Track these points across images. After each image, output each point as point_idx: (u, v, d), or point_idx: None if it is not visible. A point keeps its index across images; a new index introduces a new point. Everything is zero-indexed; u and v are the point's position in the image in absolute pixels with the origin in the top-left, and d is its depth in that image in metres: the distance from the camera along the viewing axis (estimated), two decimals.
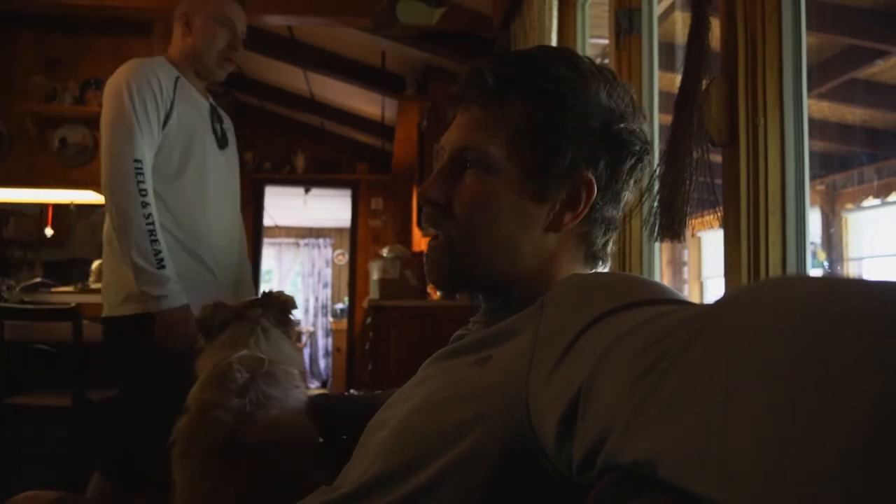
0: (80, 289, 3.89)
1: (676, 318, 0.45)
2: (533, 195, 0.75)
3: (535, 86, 0.75)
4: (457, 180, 0.77)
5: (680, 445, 0.36)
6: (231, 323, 1.11)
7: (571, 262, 0.79)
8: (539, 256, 0.77)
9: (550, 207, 0.76)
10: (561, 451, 0.52)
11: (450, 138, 0.80)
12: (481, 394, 0.63)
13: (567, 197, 0.75)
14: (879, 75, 2.69)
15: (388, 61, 5.39)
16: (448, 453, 0.62)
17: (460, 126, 0.79)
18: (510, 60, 0.78)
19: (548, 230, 0.76)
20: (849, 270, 3.22)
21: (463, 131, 0.78)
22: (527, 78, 0.75)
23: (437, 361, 0.79)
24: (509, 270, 0.77)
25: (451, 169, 0.78)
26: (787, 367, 0.31)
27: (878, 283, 0.32)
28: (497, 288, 0.79)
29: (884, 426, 0.26)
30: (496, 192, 0.75)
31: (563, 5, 2.67)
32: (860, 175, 3.04)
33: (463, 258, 0.77)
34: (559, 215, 0.76)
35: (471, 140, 0.76)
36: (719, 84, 1.34)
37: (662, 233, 1.39)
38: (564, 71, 0.75)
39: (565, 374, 0.53)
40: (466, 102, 0.79)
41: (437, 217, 0.79)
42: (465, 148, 0.77)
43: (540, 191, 0.75)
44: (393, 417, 0.72)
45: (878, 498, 0.25)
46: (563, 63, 0.76)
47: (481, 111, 0.77)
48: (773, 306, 0.35)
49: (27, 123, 4.47)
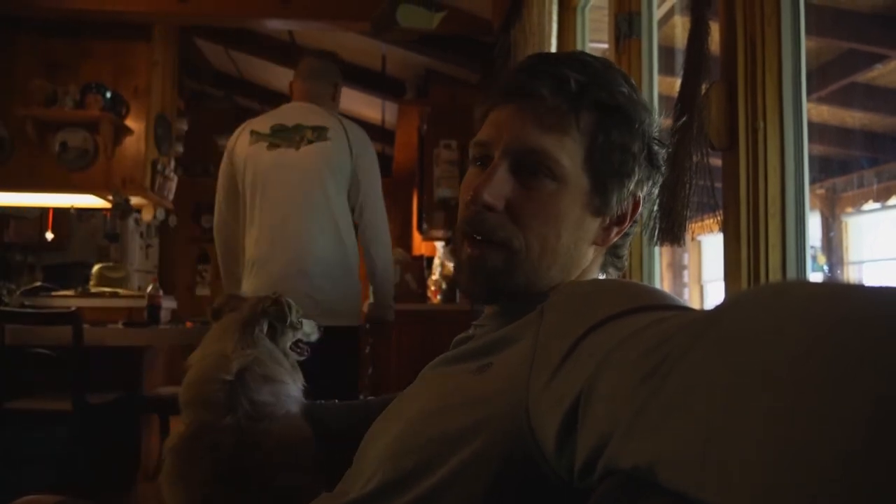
0: (81, 292, 3.89)
1: (676, 324, 0.45)
2: (593, 210, 0.75)
3: (613, 101, 0.72)
4: (517, 184, 0.72)
5: (680, 450, 0.36)
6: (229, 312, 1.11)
7: (597, 272, 0.81)
8: (579, 267, 0.78)
9: (602, 222, 0.77)
10: (561, 455, 0.52)
11: (507, 135, 0.73)
12: (482, 400, 0.63)
13: (618, 213, 0.77)
14: (879, 79, 2.70)
15: (389, 65, 5.40)
16: (450, 461, 0.62)
17: (522, 124, 0.72)
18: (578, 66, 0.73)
19: (594, 243, 0.78)
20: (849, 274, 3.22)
21: (529, 131, 0.71)
22: (603, 90, 0.72)
23: (437, 367, 0.78)
24: (551, 280, 0.75)
25: (511, 170, 0.73)
26: (786, 370, 0.31)
27: (877, 288, 0.32)
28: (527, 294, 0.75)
29: (884, 428, 0.26)
30: (565, 204, 0.72)
31: (562, 9, 2.67)
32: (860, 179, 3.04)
33: (522, 270, 0.73)
34: (608, 230, 0.77)
35: (543, 143, 0.71)
36: (719, 88, 1.34)
37: (662, 237, 1.39)
38: (629, 91, 0.74)
39: (565, 380, 0.53)
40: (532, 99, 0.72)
41: (493, 224, 0.72)
42: (534, 151, 0.71)
43: (601, 207, 0.75)
44: (394, 424, 0.72)
45: (878, 500, 0.25)
46: (625, 81, 0.75)
47: (553, 113, 0.71)
48: (773, 311, 0.35)
49: (28, 127, 4.47)
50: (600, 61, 0.76)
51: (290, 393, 1.01)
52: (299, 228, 2.28)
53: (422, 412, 0.69)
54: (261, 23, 4.51)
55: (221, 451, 0.89)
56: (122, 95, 4.62)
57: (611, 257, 0.81)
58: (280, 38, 5.39)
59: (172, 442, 0.94)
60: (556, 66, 0.73)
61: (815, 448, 0.27)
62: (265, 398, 0.95)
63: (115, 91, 4.57)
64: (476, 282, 0.75)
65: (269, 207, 2.30)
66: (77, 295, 3.84)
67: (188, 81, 6.24)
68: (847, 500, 0.26)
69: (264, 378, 0.98)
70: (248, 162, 2.34)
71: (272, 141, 2.33)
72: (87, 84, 4.51)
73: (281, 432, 0.94)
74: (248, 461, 0.90)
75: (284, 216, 2.29)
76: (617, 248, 0.81)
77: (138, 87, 4.68)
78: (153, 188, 4.75)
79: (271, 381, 0.99)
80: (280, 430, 0.94)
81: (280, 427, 0.94)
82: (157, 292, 3.50)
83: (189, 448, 0.91)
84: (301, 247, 2.27)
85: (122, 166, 4.62)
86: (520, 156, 0.72)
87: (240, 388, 0.94)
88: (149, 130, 4.68)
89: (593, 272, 0.80)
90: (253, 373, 0.97)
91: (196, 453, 0.90)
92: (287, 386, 1.01)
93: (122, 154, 4.64)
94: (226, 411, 0.92)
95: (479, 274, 0.74)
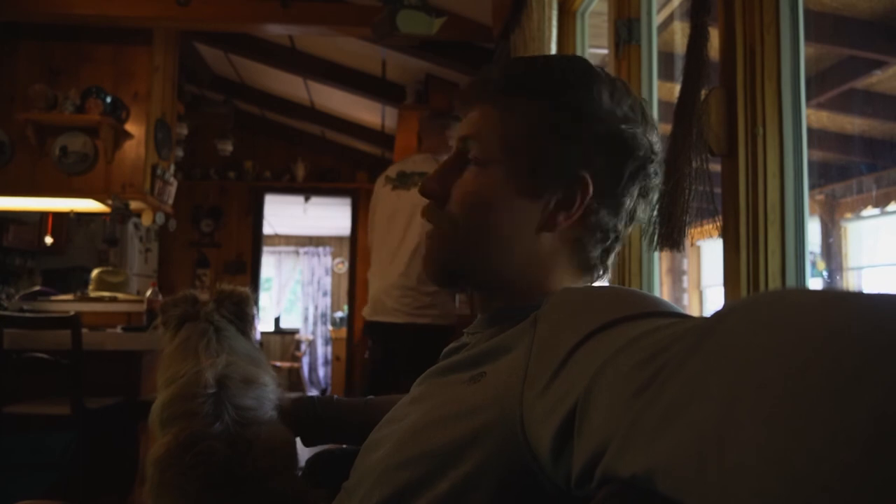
0: (80, 297, 3.88)
1: (672, 333, 0.44)
2: (527, 192, 0.74)
3: (539, 86, 0.75)
4: (457, 174, 0.78)
5: (677, 459, 0.36)
6: (187, 322, 1.06)
7: (565, 270, 0.77)
8: (532, 260, 0.75)
9: (545, 205, 0.74)
10: (558, 464, 0.52)
11: (458, 132, 0.81)
12: (476, 411, 0.63)
13: (562, 196, 0.74)
14: (878, 85, 2.70)
15: (389, 70, 5.41)
16: (445, 475, 0.62)
17: (466, 121, 0.80)
18: (520, 63, 0.79)
19: (541, 230, 0.74)
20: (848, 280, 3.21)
21: (466, 125, 0.79)
22: (532, 78, 0.76)
23: (431, 378, 0.78)
24: (501, 268, 0.75)
25: (453, 164, 0.79)
26: (784, 381, 0.30)
27: (875, 297, 0.32)
28: (490, 288, 0.78)
29: (882, 441, 0.26)
30: (491, 185, 0.75)
31: (562, 15, 2.68)
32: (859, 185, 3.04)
33: (455, 250, 0.77)
34: (553, 215, 0.74)
35: (471, 131, 0.77)
36: (718, 94, 1.34)
37: (662, 242, 1.39)
38: (568, 73, 0.76)
39: (561, 388, 0.53)
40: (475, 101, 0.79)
41: (431, 210, 0.80)
42: (464, 137, 0.78)
43: (535, 187, 0.74)
44: (389, 436, 0.72)
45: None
46: (569, 66, 0.77)
47: (485, 107, 0.77)
48: (770, 320, 0.35)
49: (28, 132, 4.47)
50: (553, 56, 0.84)
51: (269, 396, 0.99)
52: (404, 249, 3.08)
53: (416, 424, 0.68)
54: (261, 27, 4.51)
55: (215, 459, 0.88)
56: (122, 100, 4.62)
57: (579, 254, 0.77)
58: (280, 42, 5.40)
59: (158, 454, 0.91)
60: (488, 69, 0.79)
61: (812, 460, 0.27)
62: (249, 403, 0.94)
63: (115, 96, 4.58)
64: (425, 264, 0.81)
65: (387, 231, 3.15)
66: (76, 299, 3.83)
67: (188, 86, 6.25)
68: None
69: (245, 382, 0.96)
70: (378, 198, 3.25)
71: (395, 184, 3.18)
72: (88, 88, 4.51)
73: (267, 437, 0.92)
74: (240, 468, 0.88)
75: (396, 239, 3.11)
76: (581, 242, 0.76)
77: (138, 92, 4.69)
78: (153, 192, 4.75)
79: (252, 383, 0.97)
80: (266, 434, 0.92)
81: (266, 431, 0.93)
82: (157, 297, 3.50)
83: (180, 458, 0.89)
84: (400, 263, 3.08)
85: (122, 171, 4.63)
86: (458, 145, 0.79)
87: (224, 396, 0.92)
88: (149, 135, 4.69)
89: (557, 267, 0.76)
90: (233, 379, 0.95)
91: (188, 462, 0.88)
92: (267, 388, 0.99)
93: (122, 158, 4.65)
94: (213, 420, 0.90)
95: (426, 254, 0.81)
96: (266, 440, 0.92)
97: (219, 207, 7.29)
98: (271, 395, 0.99)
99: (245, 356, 1.02)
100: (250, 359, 1.03)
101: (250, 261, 7.41)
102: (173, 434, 0.91)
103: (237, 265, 7.34)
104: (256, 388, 0.97)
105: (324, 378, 9.83)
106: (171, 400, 0.95)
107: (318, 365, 10.11)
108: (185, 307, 1.07)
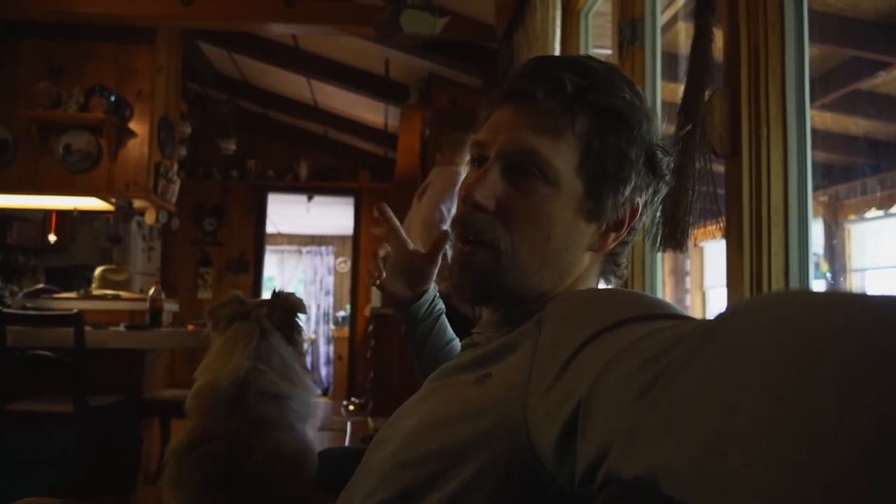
0: (83, 295, 3.89)
1: (675, 334, 0.45)
2: (587, 215, 0.73)
3: (611, 105, 0.71)
4: (509, 185, 0.72)
5: (680, 460, 0.36)
6: (236, 320, 1.08)
7: (594, 279, 0.79)
8: (572, 274, 0.76)
9: (597, 228, 0.75)
10: (561, 464, 0.52)
11: (503, 136, 0.73)
12: (481, 412, 0.63)
13: (616, 218, 0.75)
14: (882, 87, 2.70)
15: (392, 70, 5.41)
16: (449, 476, 0.62)
17: (518, 125, 0.72)
18: (578, 70, 0.72)
19: (590, 249, 0.76)
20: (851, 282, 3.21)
21: (523, 133, 0.71)
22: (601, 94, 0.71)
23: (440, 377, 0.78)
24: (542, 286, 0.75)
25: (504, 171, 0.72)
26: (785, 383, 0.31)
27: (877, 298, 0.32)
28: (519, 299, 0.75)
29: (884, 441, 0.26)
30: (556, 207, 0.71)
31: (566, 15, 2.68)
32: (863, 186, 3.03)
33: (510, 272, 0.73)
34: (605, 236, 0.75)
35: (535, 145, 0.70)
36: (722, 95, 1.34)
37: (665, 243, 1.39)
38: (631, 97, 0.73)
39: (564, 389, 0.53)
40: (529, 101, 0.72)
41: (481, 224, 0.72)
42: (527, 153, 0.71)
43: (596, 212, 0.73)
44: (395, 435, 0.72)
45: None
46: (629, 87, 0.74)
47: (548, 116, 0.71)
48: (772, 322, 0.35)
49: (32, 130, 4.49)
50: (604, 65, 0.75)
51: (295, 408, 1.00)
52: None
53: (421, 424, 0.68)
54: (264, 26, 4.52)
55: (217, 459, 0.89)
56: (125, 98, 4.63)
57: (609, 265, 0.80)
58: (284, 41, 5.41)
59: (174, 445, 0.94)
60: (554, 68, 0.72)
61: (814, 461, 0.27)
62: (269, 412, 0.94)
63: (118, 94, 4.59)
64: (464, 280, 0.75)
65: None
66: (79, 297, 3.84)
67: (191, 84, 6.26)
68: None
69: (270, 396, 0.97)
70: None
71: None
72: (92, 87, 4.52)
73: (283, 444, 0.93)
74: (245, 470, 0.89)
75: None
76: (615, 256, 0.79)
77: (142, 91, 4.70)
78: (156, 191, 4.76)
79: (277, 397, 0.98)
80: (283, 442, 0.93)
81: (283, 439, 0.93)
82: (159, 295, 3.51)
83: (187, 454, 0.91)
84: None
85: (126, 169, 4.64)
86: (513, 157, 0.72)
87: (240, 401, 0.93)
88: (152, 133, 4.70)
89: (590, 279, 0.78)
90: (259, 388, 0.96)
91: (194, 460, 0.90)
92: (292, 401, 1.00)
93: (126, 157, 4.65)
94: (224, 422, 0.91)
95: (466, 273, 0.75)
96: (274, 447, 0.92)
97: (221, 206, 7.30)
98: (297, 407, 1.00)
99: (279, 365, 1.02)
100: (284, 367, 1.03)
101: (253, 260, 7.42)
102: (188, 429, 0.93)
103: (240, 264, 7.35)
104: (281, 401, 0.97)
105: (326, 377, 9.84)
106: (197, 392, 0.97)
107: (320, 364, 10.12)
108: (233, 307, 1.08)
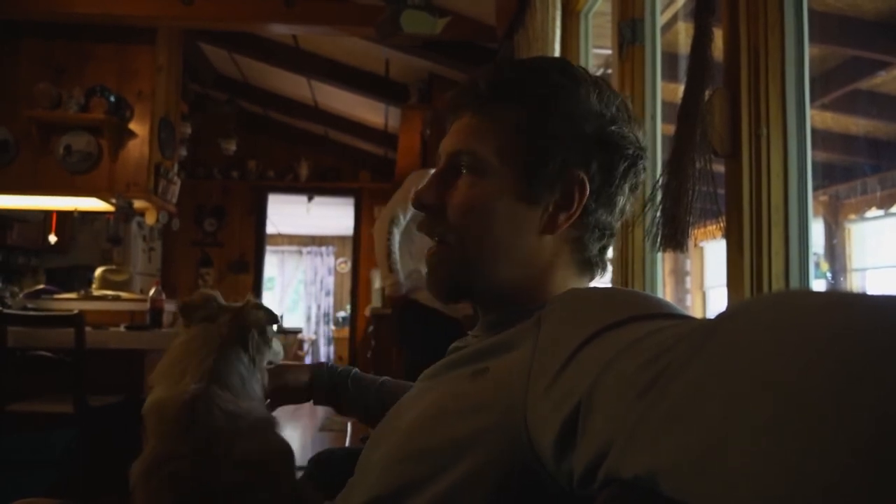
0: (83, 295, 3.89)
1: (676, 333, 0.45)
2: (526, 198, 0.75)
3: (526, 91, 0.76)
4: (451, 185, 0.77)
5: (680, 460, 0.36)
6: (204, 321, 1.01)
7: (567, 270, 0.78)
8: (535, 263, 0.76)
9: (544, 209, 0.75)
10: (560, 463, 0.52)
11: (445, 144, 0.80)
12: (479, 408, 0.63)
13: (560, 198, 0.75)
14: (882, 86, 2.70)
15: (392, 70, 5.41)
16: (446, 473, 0.62)
17: (455, 132, 0.79)
18: (505, 69, 0.79)
19: (543, 233, 0.76)
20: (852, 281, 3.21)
21: (457, 136, 0.78)
22: (518, 84, 0.77)
23: (434, 374, 0.78)
24: (507, 276, 0.76)
25: (445, 174, 0.78)
26: (786, 382, 0.31)
27: (878, 298, 0.32)
28: (496, 296, 0.78)
29: (884, 441, 0.26)
30: (489, 194, 0.75)
31: (566, 16, 2.68)
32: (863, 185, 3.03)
33: (460, 264, 0.77)
34: (553, 217, 0.75)
35: (463, 144, 0.77)
36: (722, 94, 1.34)
37: (665, 243, 1.39)
38: (556, 77, 0.76)
39: (564, 388, 0.53)
40: (461, 110, 0.79)
41: (431, 222, 0.79)
42: (457, 152, 0.77)
43: (532, 193, 0.75)
44: (392, 432, 0.72)
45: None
46: (556, 70, 0.77)
47: (475, 117, 0.77)
48: (773, 322, 0.35)
49: (32, 130, 4.49)
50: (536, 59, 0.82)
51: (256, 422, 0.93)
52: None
53: (418, 420, 0.68)
54: (265, 27, 4.52)
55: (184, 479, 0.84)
56: (126, 99, 4.63)
57: (580, 252, 0.78)
58: (284, 42, 5.41)
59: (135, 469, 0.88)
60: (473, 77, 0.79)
61: (814, 461, 0.27)
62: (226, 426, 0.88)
63: (119, 94, 4.59)
64: (430, 280, 0.80)
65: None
66: (79, 298, 3.84)
67: (192, 85, 6.26)
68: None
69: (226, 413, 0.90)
70: None
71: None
72: (92, 87, 4.52)
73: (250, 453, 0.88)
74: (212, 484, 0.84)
75: None
76: (581, 241, 0.77)
77: (142, 91, 4.70)
78: (156, 191, 4.76)
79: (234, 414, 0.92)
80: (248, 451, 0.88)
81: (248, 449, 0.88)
82: (160, 295, 3.51)
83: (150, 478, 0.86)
84: None
85: (126, 170, 4.64)
86: (450, 158, 0.78)
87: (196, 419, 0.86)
88: (152, 134, 4.70)
89: (562, 266, 0.77)
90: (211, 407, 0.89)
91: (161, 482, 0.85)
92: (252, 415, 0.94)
93: (126, 157, 4.66)
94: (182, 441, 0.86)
95: (430, 272, 0.80)
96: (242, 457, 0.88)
97: (222, 207, 7.30)
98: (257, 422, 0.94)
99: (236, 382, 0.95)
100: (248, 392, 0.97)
101: (253, 260, 7.42)
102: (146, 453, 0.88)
103: (240, 264, 7.35)
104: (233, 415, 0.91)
105: None
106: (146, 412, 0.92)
107: None
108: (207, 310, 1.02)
